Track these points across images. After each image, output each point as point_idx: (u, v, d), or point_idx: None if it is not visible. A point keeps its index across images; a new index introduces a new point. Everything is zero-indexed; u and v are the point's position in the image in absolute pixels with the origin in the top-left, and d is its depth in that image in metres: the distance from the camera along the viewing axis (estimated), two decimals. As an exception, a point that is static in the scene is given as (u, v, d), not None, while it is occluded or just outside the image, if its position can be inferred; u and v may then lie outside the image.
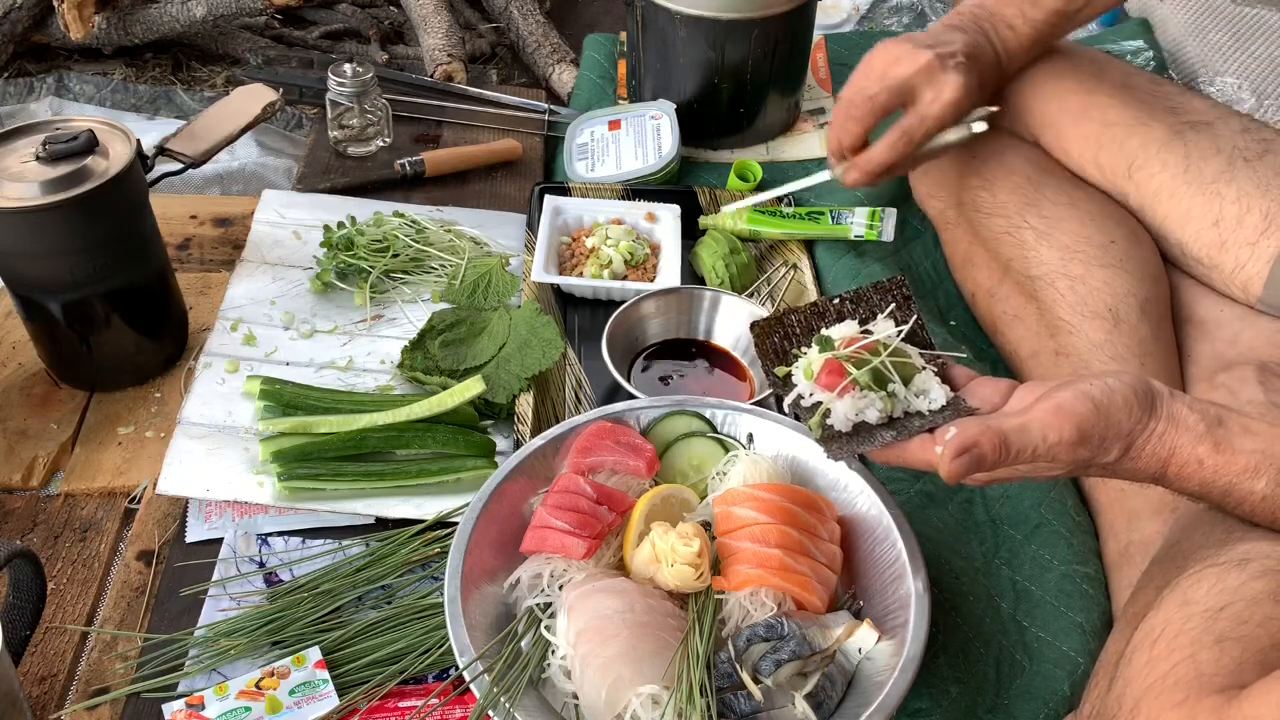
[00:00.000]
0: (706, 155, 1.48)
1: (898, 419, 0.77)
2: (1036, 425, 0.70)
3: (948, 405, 0.77)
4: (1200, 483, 0.73)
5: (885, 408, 0.76)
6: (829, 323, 0.84)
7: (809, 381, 0.79)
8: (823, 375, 0.77)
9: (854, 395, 0.76)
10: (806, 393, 0.79)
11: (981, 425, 0.70)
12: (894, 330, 0.81)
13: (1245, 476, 0.72)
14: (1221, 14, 1.57)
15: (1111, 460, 0.73)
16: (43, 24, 1.73)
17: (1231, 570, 0.73)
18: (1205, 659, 0.69)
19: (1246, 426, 0.72)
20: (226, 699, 0.84)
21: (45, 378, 1.15)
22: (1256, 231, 0.99)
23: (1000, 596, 0.96)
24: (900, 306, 0.84)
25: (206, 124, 1.19)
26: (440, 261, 1.26)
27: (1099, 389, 0.72)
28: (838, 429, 0.76)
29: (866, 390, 0.76)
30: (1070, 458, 0.71)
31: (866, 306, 0.85)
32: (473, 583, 0.83)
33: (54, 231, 1.00)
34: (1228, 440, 0.72)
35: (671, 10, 1.36)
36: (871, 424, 0.76)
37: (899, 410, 0.77)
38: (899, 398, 0.77)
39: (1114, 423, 0.71)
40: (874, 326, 0.82)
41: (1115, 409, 0.71)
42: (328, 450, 1.00)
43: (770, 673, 0.77)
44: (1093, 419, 0.71)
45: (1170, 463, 0.72)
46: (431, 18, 1.69)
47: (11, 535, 1.00)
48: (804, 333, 0.84)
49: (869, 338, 0.80)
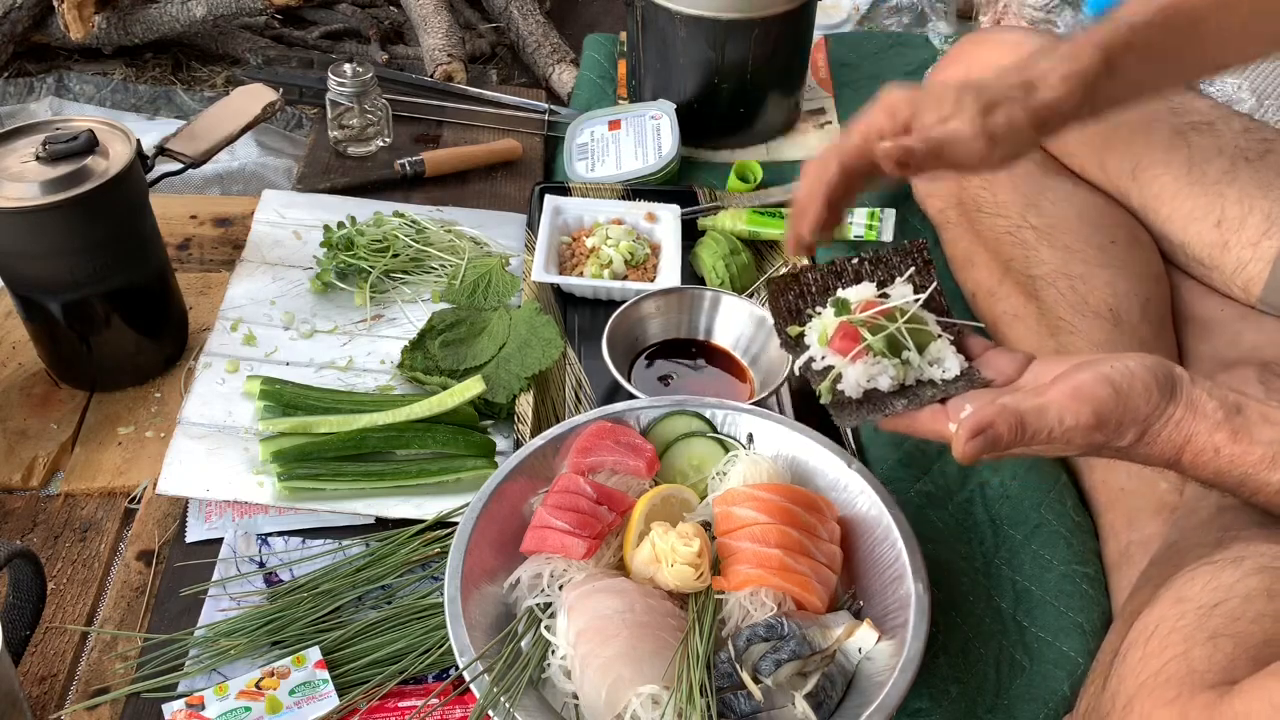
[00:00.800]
0: (706, 155, 1.48)
1: (909, 387, 0.75)
2: (1054, 408, 0.69)
3: (961, 375, 0.75)
4: (1215, 471, 0.71)
5: (898, 375, 0.74)
6: (846, 283, 0.81)
7: (822, 346, 0.77)
8: (836, 339, 0.75)
9: (867, 361, 0.74)
10: (819, 356, 0.77)
11: (998, 406, 0.69)
12: (911, 296, 0.79)
13: (1262, 467, 0.70)
14: (1222, 14, 1.57)
15: (1126, 444, 0.71)
16: (43, 24, 1.73)
17: (1226, 567, 0.73)
18: (1198, 656, 0.69)
19: (1266, 415, 0.70)
20: (226, 699, 0.83)
21: (45, 378, 1.15)
22: (1258, 232, 0.99)
23: (1000, 596, 0.96)
24: (920, 271, 0.82)
25: (206, 124, 1.19)
26: (440, 261, 1.26)
27: (1119, 372, 0.70)
28: (848, 395, 0.75)
29: (880, 357, 0.74)
30: (1085, 441, 0.70)
31: (885, 269, 0.82)
32: (473, 583, 0.83)
33: (54, 231, 1.00)
34: (1246, 429, 0.70)
35: (671, 10, 1.36)
36: (883, 391, 0.74)
37: (911, 378, 0.75)
38: (912, 365, 0.75)
39: (1132, 408, 0.69)
40: (891, 290, 0.80)
41: (1134, 394, 0.69)
42: (328, 450, 1.00)
43: (770, 673, 0.77)
44: (1111, 404, 0.69)
45: (1185, 450, 0.71)
46: (431, 18, 1.69)
47: (11, 535, 1.00)
48: (820, 292, 0.82)
49: (886, 302, 0.78)
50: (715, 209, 1.33)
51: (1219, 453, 0.70)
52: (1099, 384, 0.69)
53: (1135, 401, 0.69)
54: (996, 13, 1.79)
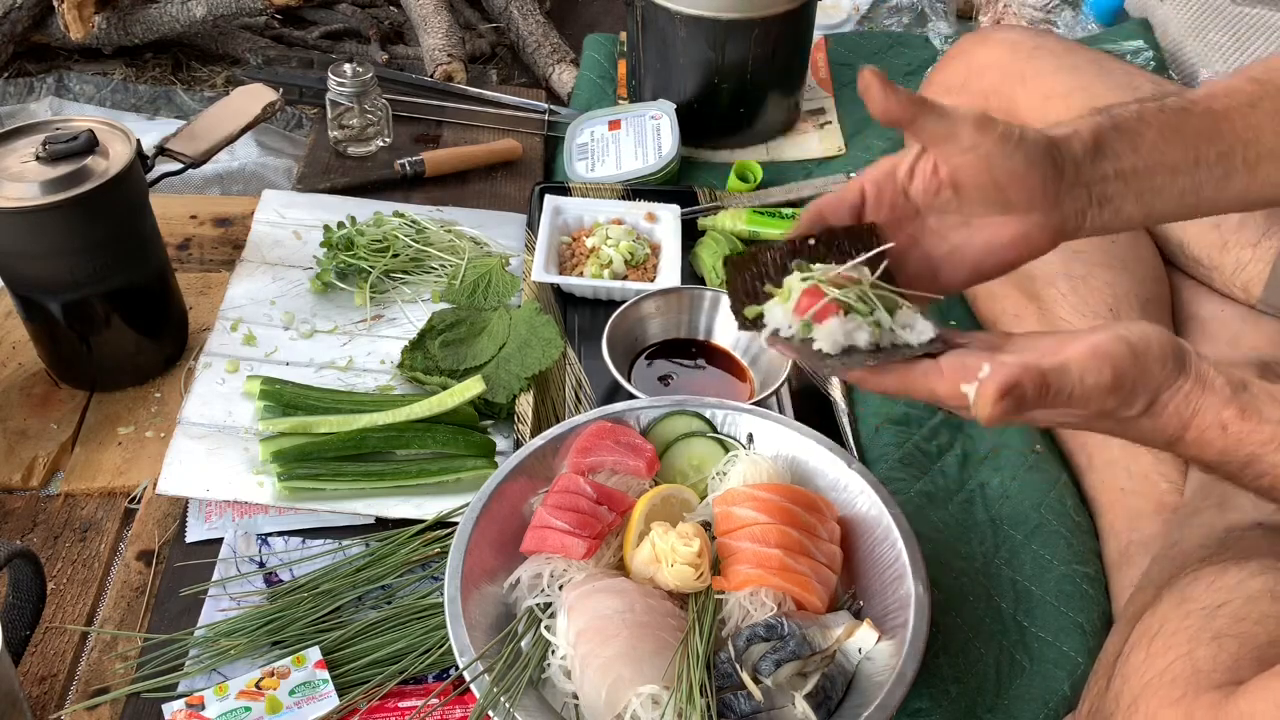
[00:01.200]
0: (706, 155, 1.48)
1: (884, 349, 0.71)
2: (1075, 366, 0.65)
3: (936, 339, 0.71)
4: (1220, 450, 0.67)
5: (873, 335, 0.71)
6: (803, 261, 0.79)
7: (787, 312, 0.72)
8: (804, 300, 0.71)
9: (840, 319, 0.70)
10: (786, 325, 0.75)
11: (1020, 365, 0.64)
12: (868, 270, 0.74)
13: (1270, 448, 0.66)
14: (1221, 14, 1.57)
15: (1134, 414, 0.67)
16: (43, 24, 1.73)
17: (1229, 568, 0.73)
18: (1202, 656, 0.68)
19: (1274, 394, 0.67)
20: (226, 699, 0.83)
21: (45, 378, 1.15)
22: (1258, 232, 0.99)
23: (1000, 596, 0.96)
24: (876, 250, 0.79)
25: (206, 124, 1.19)
26: (440, 261, 1.26)
27: (1136, 334, 0.67)
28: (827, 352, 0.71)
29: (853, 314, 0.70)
30: (1098, 406, 0.66)
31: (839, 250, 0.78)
32: (473, 583, 0.83)
33: (54, 231, 1.00)
34: (1254, 406, 0.66)
35: (671, 10, 1.36)
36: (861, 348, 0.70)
37: (887, 341, 0.71)
38: (884, 328, 0.71)
39: (1146, 372, 0.66)
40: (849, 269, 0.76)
41: (1151, 358, 0.66)
42: (328, 450, 1.00)
43: (770, 673, 0.77)
44: (1128, 364, 0.66)
45: (1191, 426, 0.67)
46: (431, 18, 1.69)
47: (11, 535, 1.00)
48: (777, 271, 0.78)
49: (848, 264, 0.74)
50: (715, 209, 1.33)
51: (1226, 430, 0.67)
52: (1117, 343, 0.66)
53: (1151, 366, 0.66)
54: (996, 13, 1.79)
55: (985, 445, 1.08)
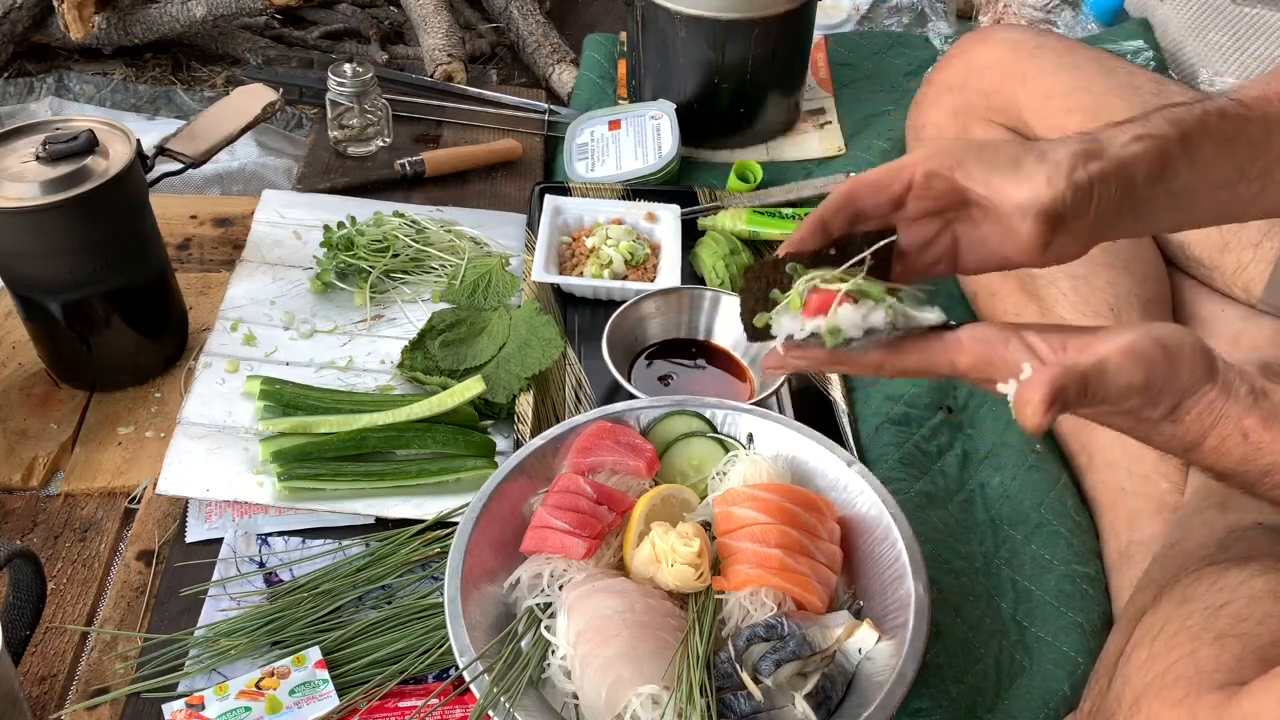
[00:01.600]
0: (706, 155, 1.48)
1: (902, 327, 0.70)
2: (1113, 365, 0.63)
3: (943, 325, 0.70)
4: (1239, 459, 0.66)
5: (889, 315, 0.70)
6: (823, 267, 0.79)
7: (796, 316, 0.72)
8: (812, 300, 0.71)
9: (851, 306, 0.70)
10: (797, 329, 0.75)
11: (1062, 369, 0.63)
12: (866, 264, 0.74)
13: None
14: (1221, 14, 1.57)
15: (1155, 417, 0.66)
16: (43, 24, 1.73)
17: (1231, 568, 0.73)
18: (1205, 656, 0.68)
19: None
20: (226, 699, 0.83)
21: (45, 378, 1.15)
22: (1259, 233, 0.99)
23: (1000, 596, 0.96)
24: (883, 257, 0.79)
25: (206, 124, 1.19)
26: (440, 261, 1.26)
27: (1169, 334, 0.65)
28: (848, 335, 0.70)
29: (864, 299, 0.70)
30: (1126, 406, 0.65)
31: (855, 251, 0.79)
32: (473, 583, 0.83)
33: (54, 231, 1.00)
34: (1276, 415, 0.65)
35: (671, 10, 1.36)
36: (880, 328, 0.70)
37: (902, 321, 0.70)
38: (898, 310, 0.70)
39: (1176, 375, 0.64)
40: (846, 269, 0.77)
41: (1182, 360, 0.64)
42: (328, 450, 1.00)
43: (770, 673, 0.77)
44: (1162, 367, 0.64)
45: (1211, 433, 0.66)
46: (431, 18, 1.69)
47: (11, 535, 1.00)
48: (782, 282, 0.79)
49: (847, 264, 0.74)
50: (715, 209, 1.33)
51: (1247, 438, 0.65)
52: (1152, 345, 0.64)
53: (1182, 369, 0.64)
54: (996, 12, 1.79)
55: (985, 445, 1.08)
